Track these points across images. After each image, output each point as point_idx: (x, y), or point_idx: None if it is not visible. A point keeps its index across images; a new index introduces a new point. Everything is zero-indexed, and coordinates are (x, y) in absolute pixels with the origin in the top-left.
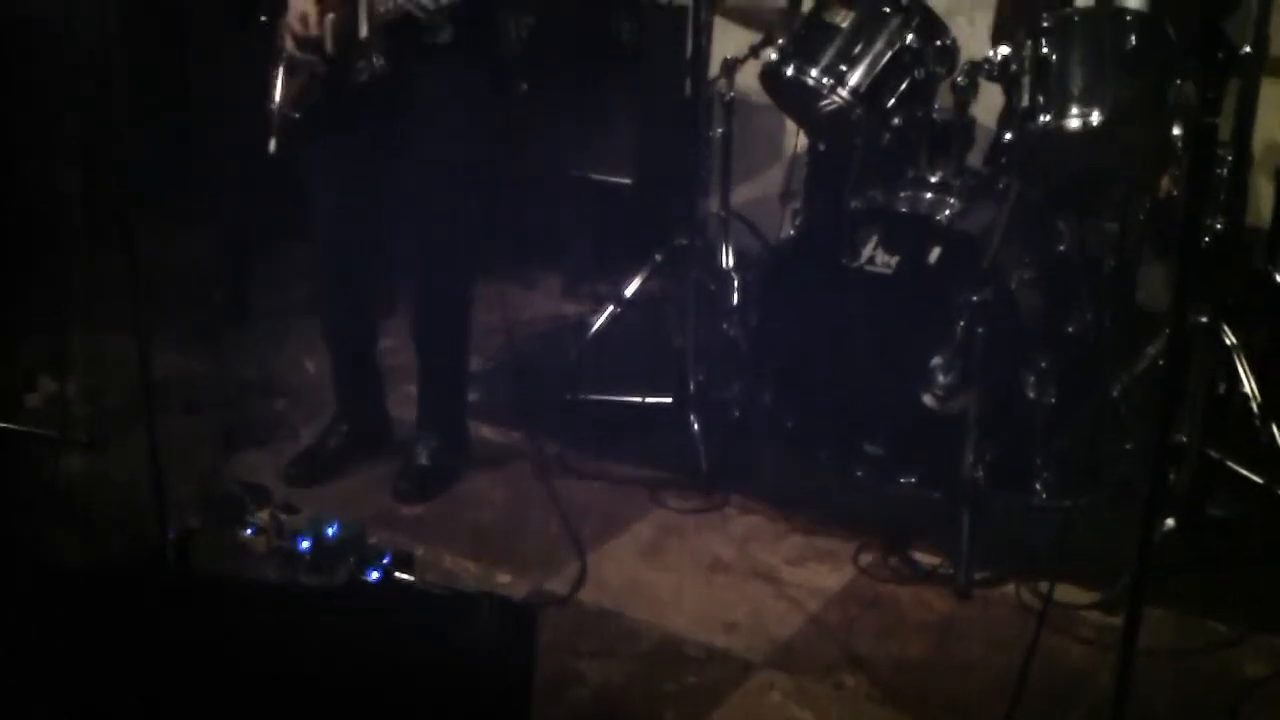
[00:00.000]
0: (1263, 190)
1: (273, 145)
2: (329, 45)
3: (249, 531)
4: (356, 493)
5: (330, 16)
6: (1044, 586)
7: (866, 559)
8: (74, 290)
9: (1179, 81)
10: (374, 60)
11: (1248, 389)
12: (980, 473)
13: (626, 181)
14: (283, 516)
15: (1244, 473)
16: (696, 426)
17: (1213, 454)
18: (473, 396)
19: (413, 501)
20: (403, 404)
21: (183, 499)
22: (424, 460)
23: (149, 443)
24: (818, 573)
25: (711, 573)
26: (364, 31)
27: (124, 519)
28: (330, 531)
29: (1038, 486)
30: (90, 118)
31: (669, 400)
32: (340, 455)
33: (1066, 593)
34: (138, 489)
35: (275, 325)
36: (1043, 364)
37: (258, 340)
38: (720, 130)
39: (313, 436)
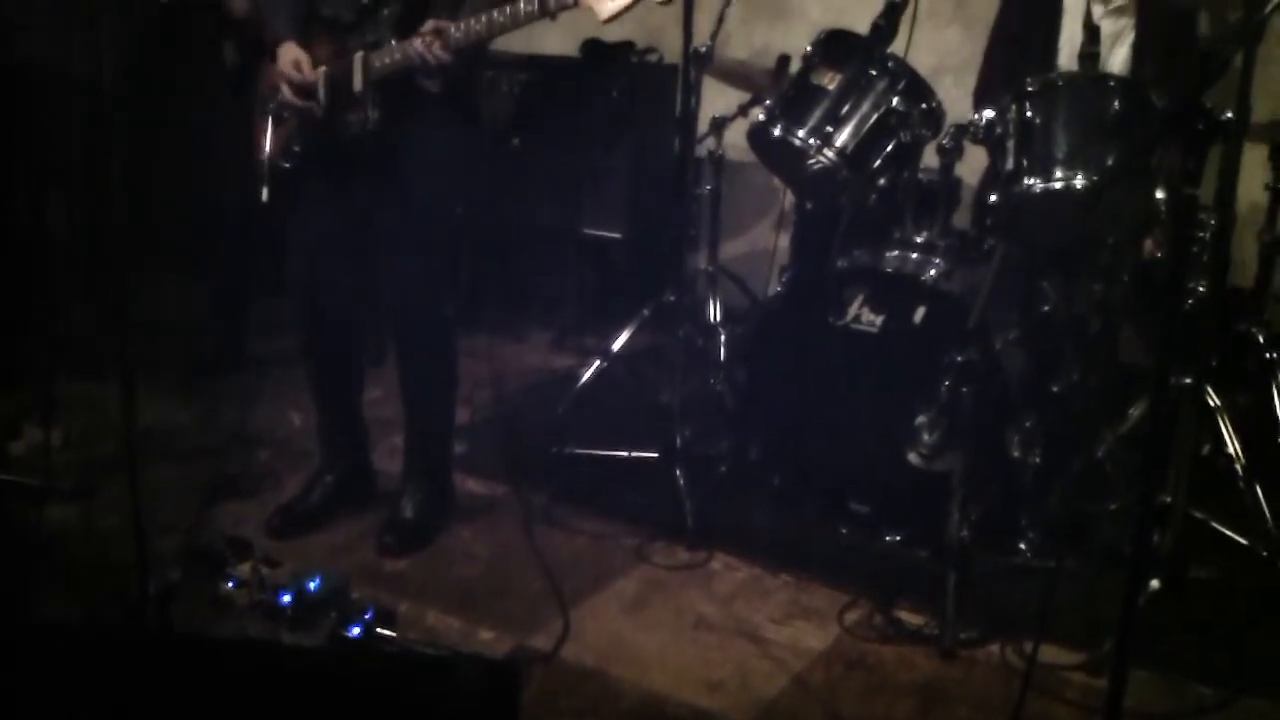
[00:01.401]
0: (1246, 252)
1: (265, 194)
2: (320, 95)
3: (230, 585)
4: (340, 545)
5: (323, 69)
6: (1029, 647)
7: (852, 618)
8: (62, 337)
9: (1162, 146)
10: (368, 113)
11: (1231, 450)
12: (966, 532)
13: (616, 236)
14: (264, 570)
15: (1229, 534)
16: (682, 482)
17: (1197, 515)
18: (459, 449)
19: (397, 555)
20: (391, 456)
21: (165, 550)
22: (409, 514)
23: (132, 494)
24: (803, 631)
25: (696, 630)
26: (358, 85)
27: (106, 570)
28: (312, 586)
29: (1023, 546)
30: (84, 165)
31: (655, 455)
32: (324, 507)
33: (1052, 654)
34: (120, 539)
35: (263, 376)
36: (1028, 424)
37: (245, 390)
38: (709, 187)
39: (296, 489)
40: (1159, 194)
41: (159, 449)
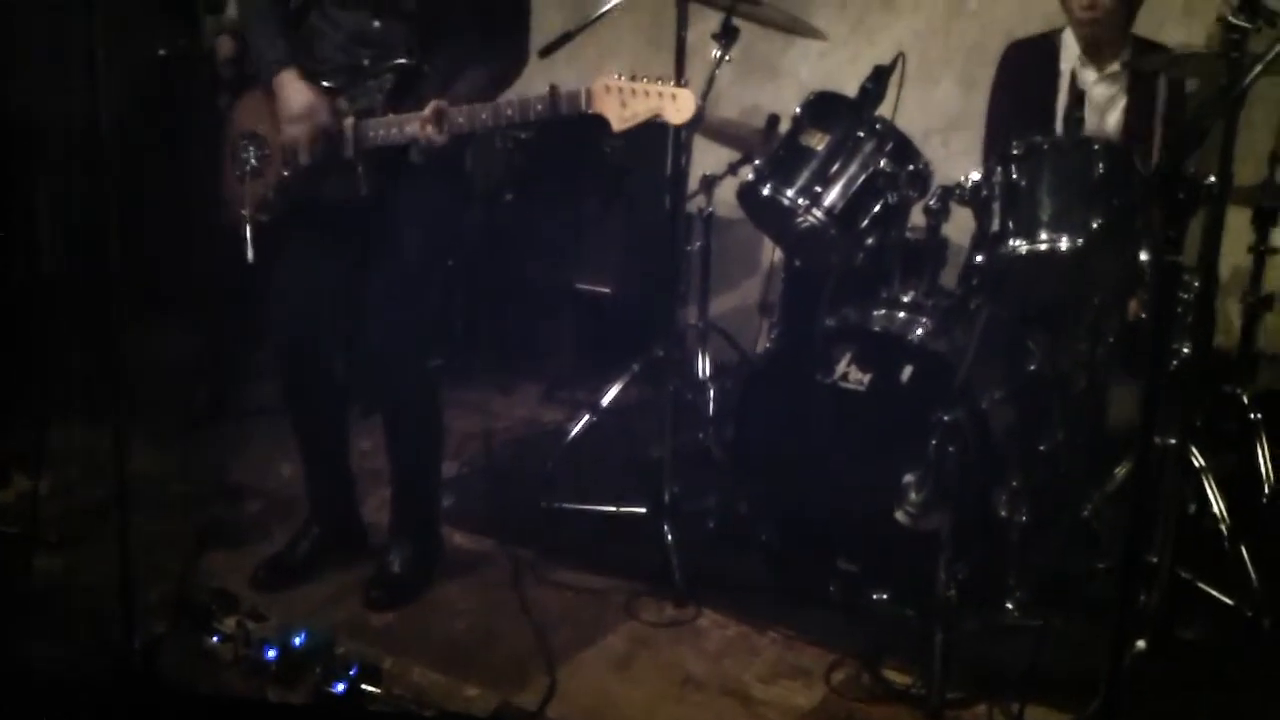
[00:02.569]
0: (1230, 313)
1: (250, 254)
2: (304, 157)
3: (215, 639)
4: (327, 598)
5: (313, 130)
6: (1016, 707)
7: (839, 677)
8: (54, 385)
9: (1145, 210)
10: (359, 182)
11: (1217, 511)
12: (953, 591)
13: (607, 290)
14: (250, 624)
15: (1215, 594)
16: (671, 537)
17: (1184, 575)
18: (447, 502)
19: (383, 609)
20: (380, 508)
21: (151, 602)
22: (396, 568)
23: (120, 545)
24: (790, 690)
25: (683, 689)
26: (349, 152)
27: (92, 621)
28: (297, 641)
29: (1010, 605)
30: (77, 212)
31: (644, 510)
32: (310, 560)
33: (1039, 714)
34: (107, 591)
35: (254, 426)
36: (1015, 483)
37: (236, 441)
38: (699, 244)
39: (284, 540)
40: (1143, 256)
41: (147, 499)
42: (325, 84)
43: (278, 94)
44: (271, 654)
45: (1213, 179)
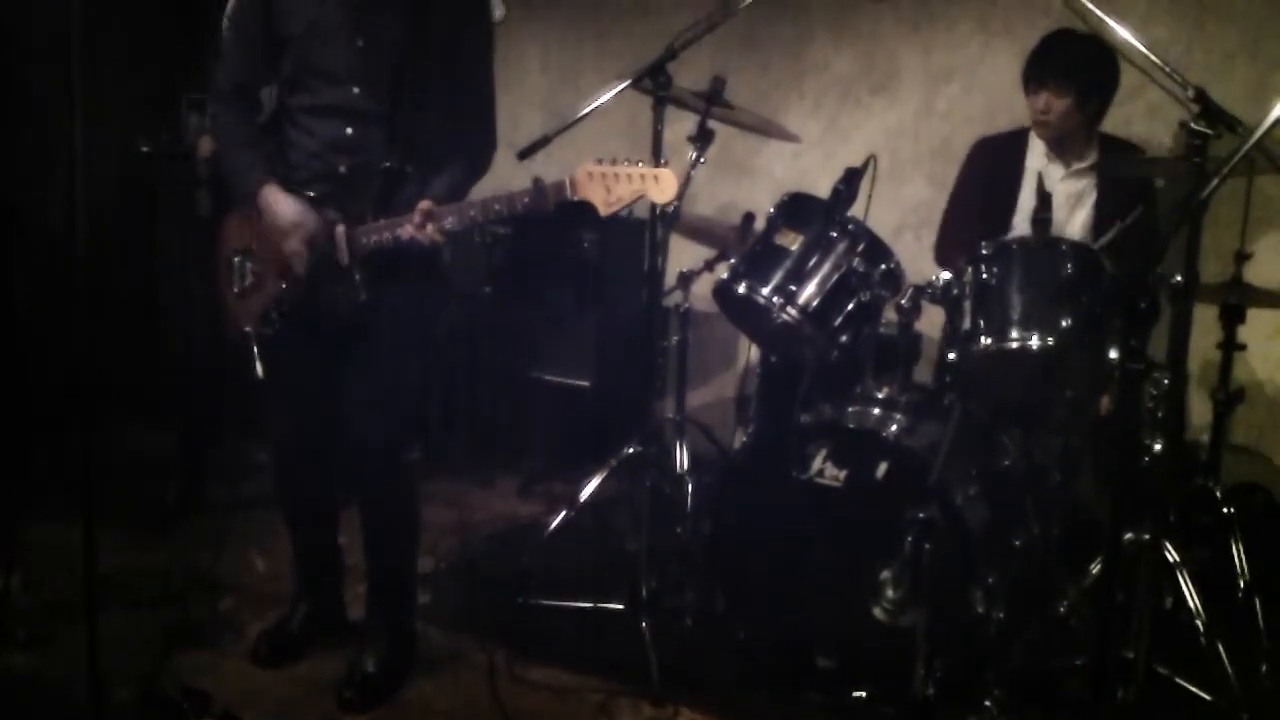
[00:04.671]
0: (1200, 408)
1: (259, 369)
2: (300, 268)
3: None
4: (301, 697)
5: (306, 240)
6: None
7: None
8: (24, 479)
9: (1115, 308)
10: (357, 289)
11: (1193, 606)
12: (931, 689)
13: (585, 384)
14: None
15: (1192, 689)
16: (648, 635)
17: (1161, 670)
18: (423, 599)
19: (357, 711)
20: (354, 604)
21: (123, 701)
22: (370, 668)
23: (89, 644)
24: None
25: None
26: (344, 259)
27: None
28: None
29: (988, 703)
30: (50, 307)
31: (621, 607)
32: (304, 635)
33: None
34: (77, 689)
35: (227, 521)
36: (991, 579)
37: (208, 535)
38: (676, 338)
39: (277, 616)
40: (1113, 354)
41: (119, 594)
42: (309, 193)
43: (264, 209)
44: None
45: (1179, 278)
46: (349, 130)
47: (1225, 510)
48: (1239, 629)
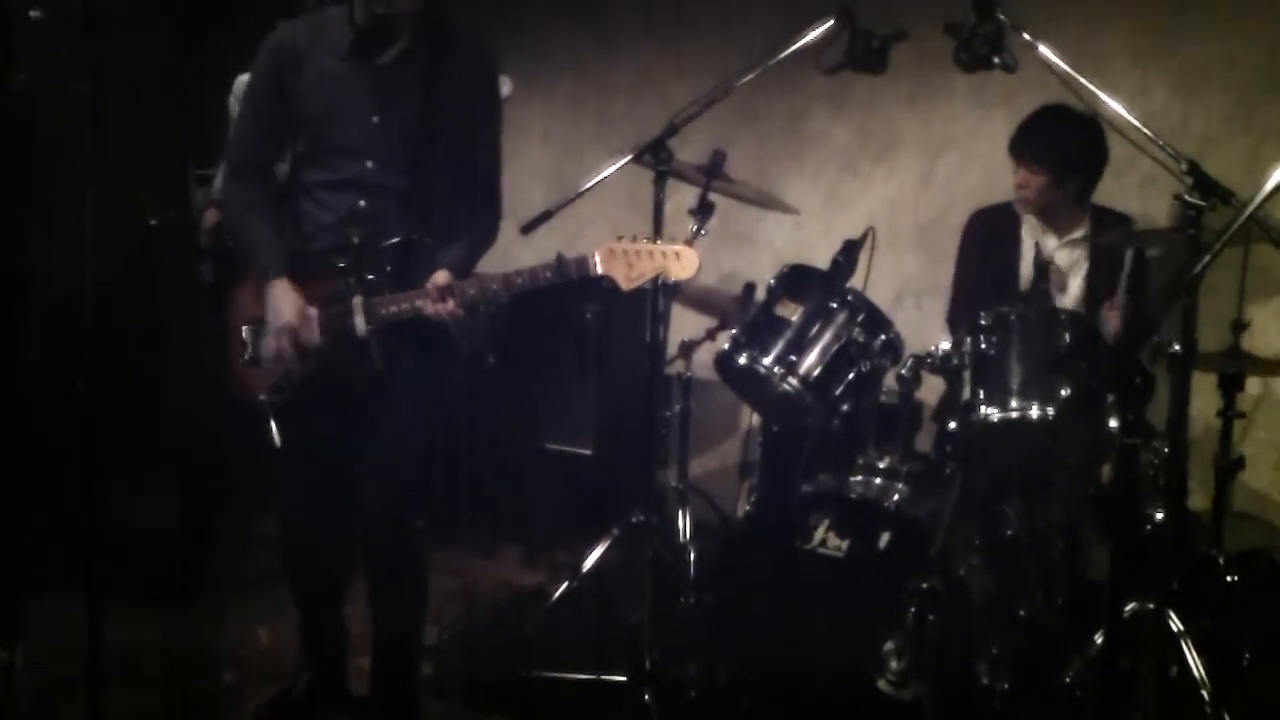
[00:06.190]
0: (1204, 474)
1: (277, 439)
2: (315, 338)
3: None
4: None
5: (316, 310)
6: None
7: None
8: (27, 553)
9: (1113, 377)
10: (373, 360)
11: (1197, 675)
12: None
13: (587, 453)
14: None
15: None
16: (652, 709)
17: None
18: (426, 671)
19: None
20: (357, 678)
21: None
22: None
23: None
24: None
25: None
26: (361, 329)
27: None
28: None
29: None
30: (54, 377)
31: (624, 679)
32: (307, 705)
33: None
34: None
35: (230, 595)
36: (995, 649)
37: (211, 610)
38: (678, 407)
39: (286, 683)
40: (1112, 423)
41: (122, 670)
42: (335, 262)
43: (273, 309)
44: None
45: (1177, 347)
46: (363, 203)
47: (1228, 578)
48: (1244, 697)
